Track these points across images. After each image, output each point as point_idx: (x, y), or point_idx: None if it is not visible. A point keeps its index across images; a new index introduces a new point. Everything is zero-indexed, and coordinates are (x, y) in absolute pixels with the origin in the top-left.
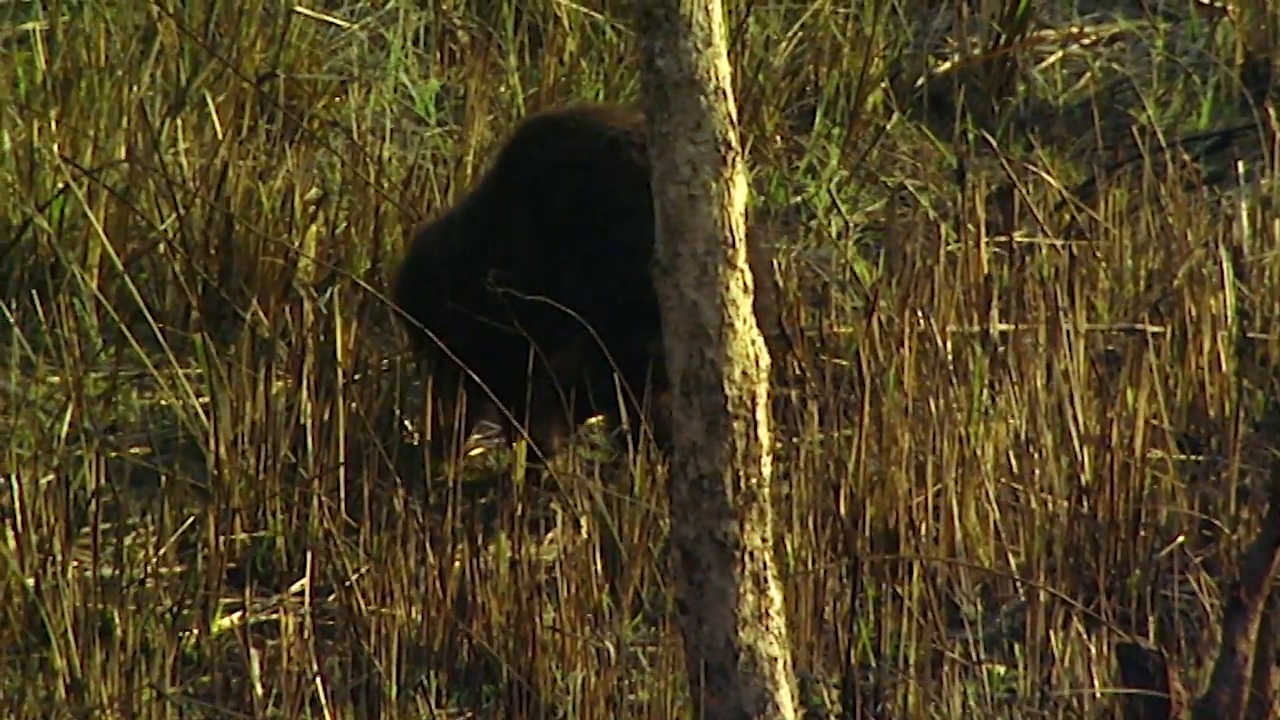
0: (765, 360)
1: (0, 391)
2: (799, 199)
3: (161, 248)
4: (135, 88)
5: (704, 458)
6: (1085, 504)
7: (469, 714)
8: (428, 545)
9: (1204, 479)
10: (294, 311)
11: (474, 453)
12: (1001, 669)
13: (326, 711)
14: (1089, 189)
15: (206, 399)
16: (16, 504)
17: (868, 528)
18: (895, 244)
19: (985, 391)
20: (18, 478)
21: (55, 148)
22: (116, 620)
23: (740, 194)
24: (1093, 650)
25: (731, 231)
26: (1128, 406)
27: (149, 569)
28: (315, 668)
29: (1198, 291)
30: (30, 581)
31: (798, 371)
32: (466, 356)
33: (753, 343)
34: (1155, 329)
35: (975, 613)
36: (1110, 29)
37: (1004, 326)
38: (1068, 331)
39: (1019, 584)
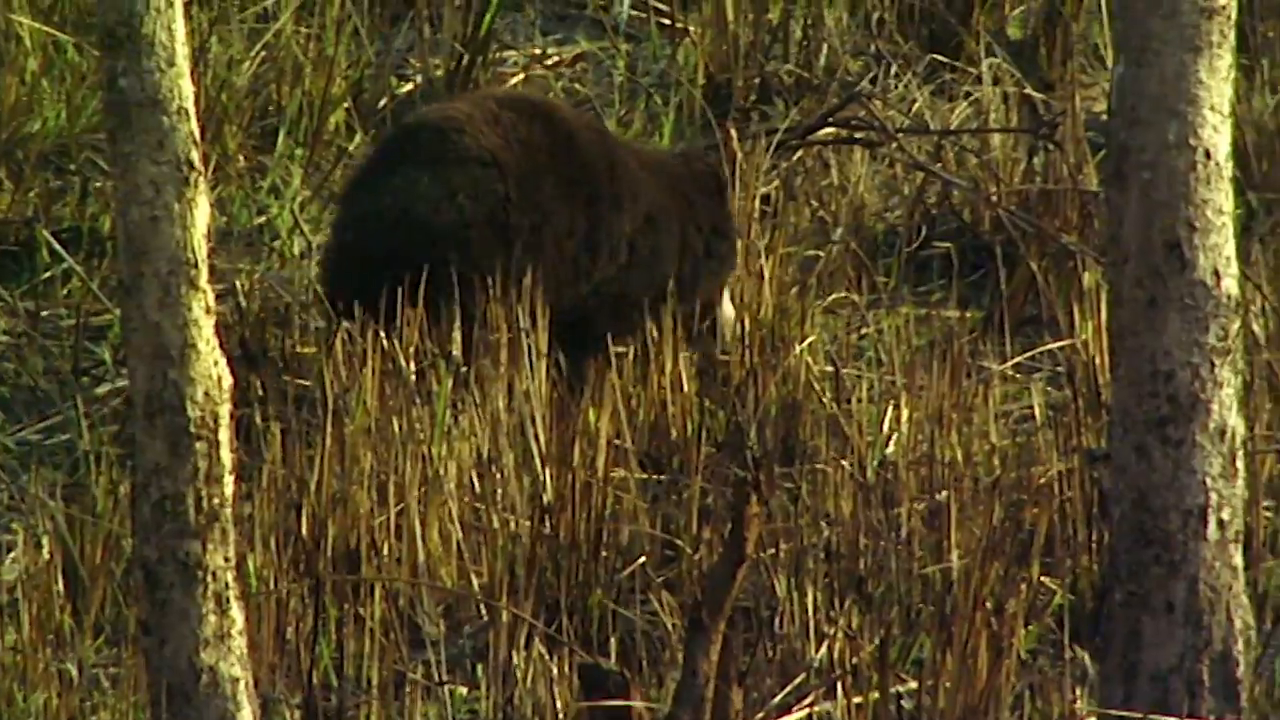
0: (228, 381)
1: None
2: (262, 219)
3: None
4: None
5: (167, 478)
6: (547, 523)
7: None
8: None
9: (665, 499)
10: None
11: None
12: (464, 690)
13: None
14: None
15: None
16: None
17: (330, 548)
18: None
19: (448, 411)
20: None
21: None
22: None
23: (203, 214)
24: (555, 670)
25: (194, 252)
26: (590, 426)
27: None
28: None
29: (659, 311)
30: None
31: (261, 392)
32: None
33: (215, 363)
34: (618, 349)
35: (437, 633)
36: (573, 50)
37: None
38: (530, 351)
39: (481, 604)
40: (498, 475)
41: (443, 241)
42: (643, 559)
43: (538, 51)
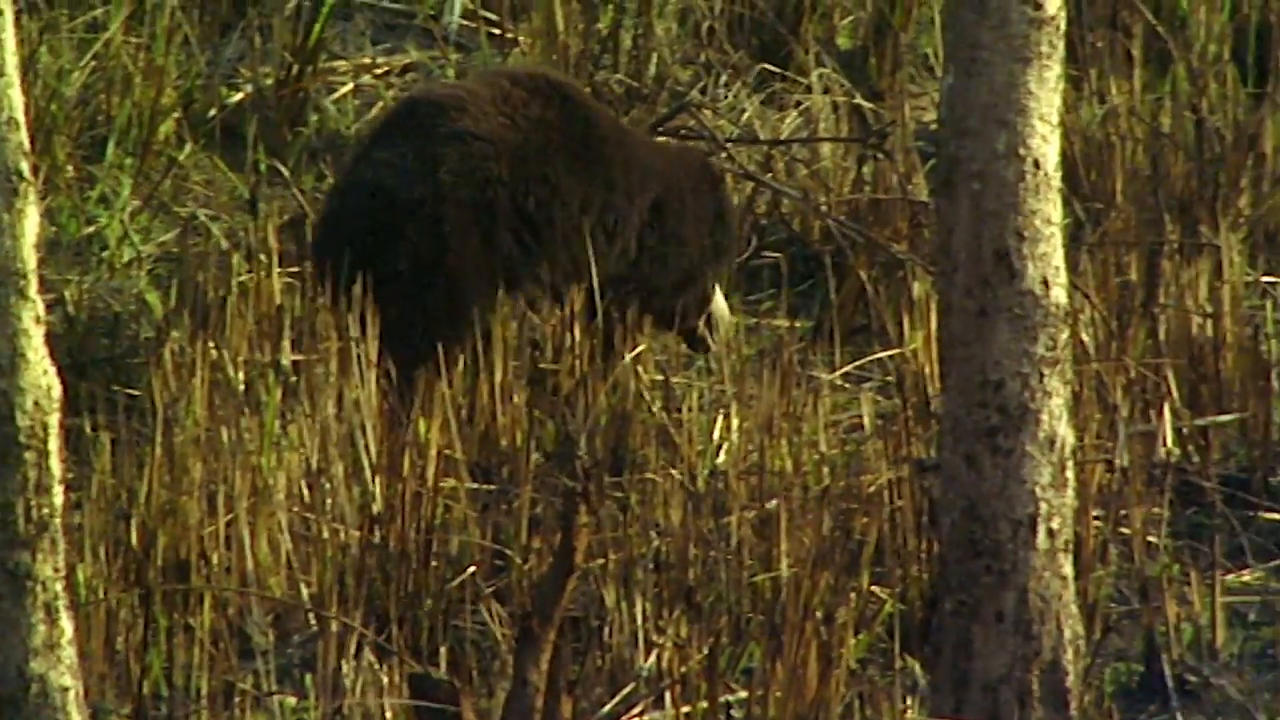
0: (57, 390)
1: None
2: (91, 229)
3: None
4: None
5: None
6: (377, 533)
7: None
8: None
9: (495, 508)
10: None
11: None
12: (293, 700)
13: None
14: None
15: None
16: None
17: (160, 558)
18: (188, 274)
19: (278, 421)
20: None
21: None
22: None
23: (32, 224)
24: (384, 680)
25: (24, 262)
26: (419, 436)
27: None
28: None
29: (488, 321)
30: None
31: (90, 401)
32: None
33: (45, 373)
34: (448, 357)
35: (267, 643)
36: (403, 59)
37: (296, 356)
38: (359, 360)
39: (310, 614)
40: (327, 485)
41: (413, 216)
42: (472, 569)
43: (368, 61)
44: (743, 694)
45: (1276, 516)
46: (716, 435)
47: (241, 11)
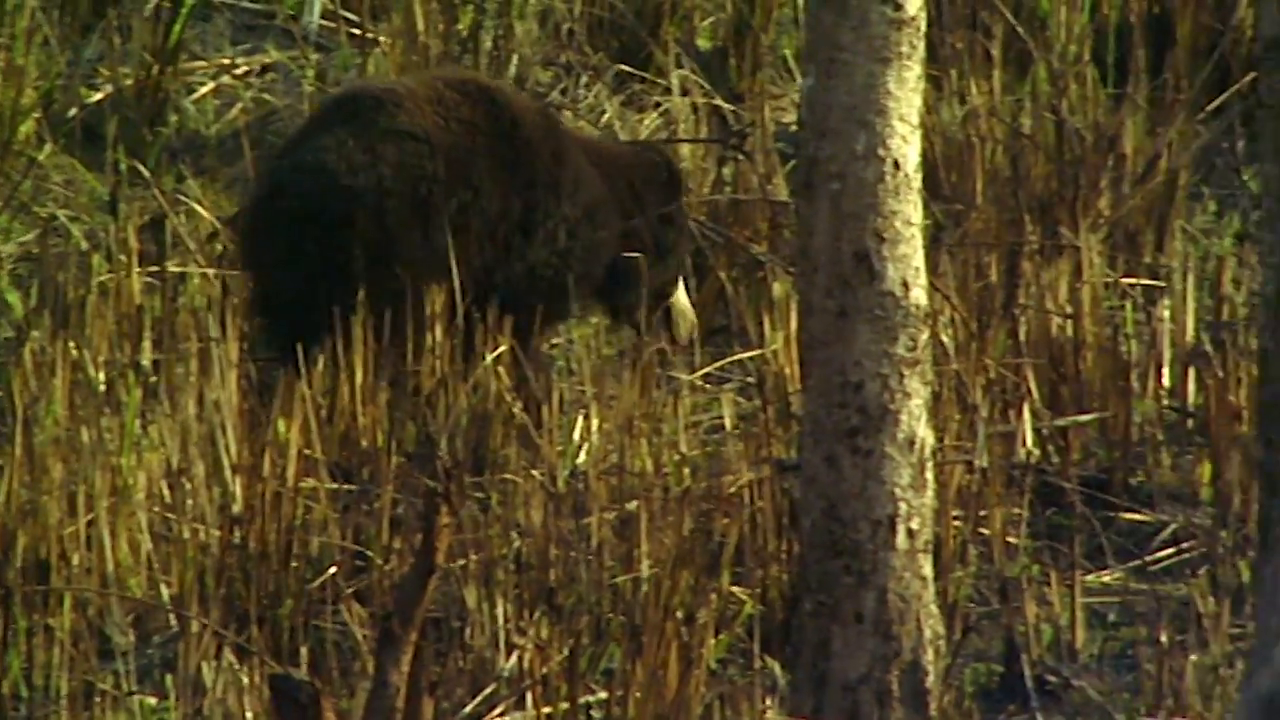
0: None
1: None
2: None
3: None
4: None
5: None
6: (237, 534)
7: None
8: None
9: (356, 509)
10: None
11: None
12: (154, 700)
13: None
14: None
15: None
16: None
17: (19, 558)
18: (47, 275)
19: (138, 421)
20: None
21: None
22: None
23: None
24: (245, 681)
25: None
26: (280, 436)
27: None
28: None
29: (349, 321)
30: None
31: None
32: None
33: None
34: (306, 354)
35: (127, 643)
36: (262, 59)
37: (156, 356)
38: (220, 361)
39: (171, 614)
40: (187, 485)
41: (355, 203)
42: (333, 569)
43: (227, 61)
44: (603, 694)
45: (1136, 517)
46: (577, 436)
47: (101, 12)
